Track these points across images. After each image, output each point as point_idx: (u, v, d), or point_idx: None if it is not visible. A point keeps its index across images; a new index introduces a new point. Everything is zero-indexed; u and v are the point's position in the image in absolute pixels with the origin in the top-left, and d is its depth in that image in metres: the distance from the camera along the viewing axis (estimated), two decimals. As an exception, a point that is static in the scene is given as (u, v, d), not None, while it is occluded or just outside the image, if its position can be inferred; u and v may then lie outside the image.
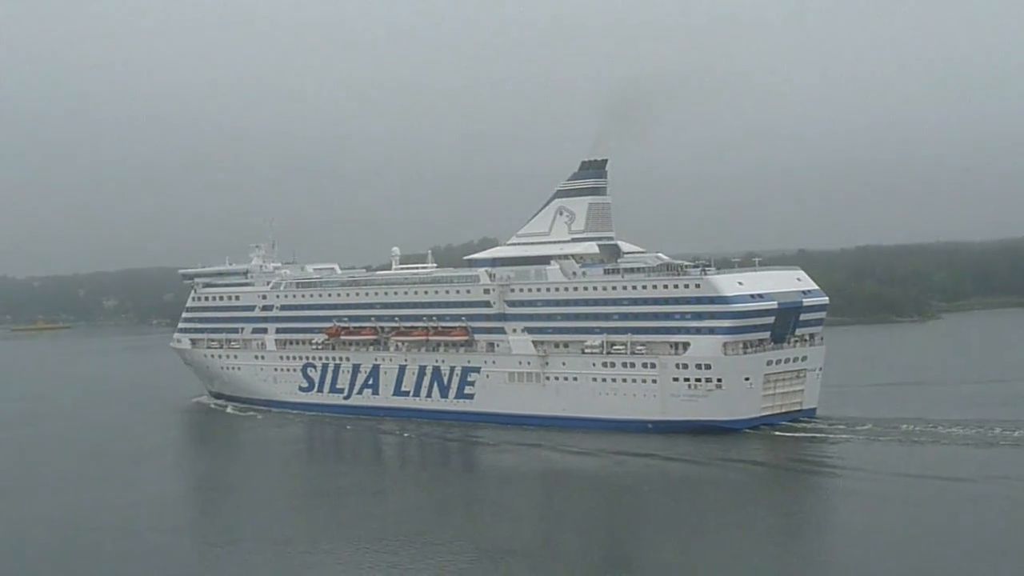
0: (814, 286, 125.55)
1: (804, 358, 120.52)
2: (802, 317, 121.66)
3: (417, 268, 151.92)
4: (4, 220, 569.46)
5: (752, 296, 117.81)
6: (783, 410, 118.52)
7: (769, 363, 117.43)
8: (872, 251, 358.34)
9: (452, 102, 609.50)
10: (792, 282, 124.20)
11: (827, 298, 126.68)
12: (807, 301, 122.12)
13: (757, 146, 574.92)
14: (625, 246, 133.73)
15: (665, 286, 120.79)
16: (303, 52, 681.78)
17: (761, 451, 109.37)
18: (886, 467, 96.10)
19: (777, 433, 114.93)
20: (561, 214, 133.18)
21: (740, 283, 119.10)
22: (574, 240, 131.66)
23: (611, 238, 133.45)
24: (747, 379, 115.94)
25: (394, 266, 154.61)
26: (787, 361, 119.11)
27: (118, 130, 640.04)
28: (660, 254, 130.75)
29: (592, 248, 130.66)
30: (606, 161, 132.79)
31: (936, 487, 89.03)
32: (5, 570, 77.90)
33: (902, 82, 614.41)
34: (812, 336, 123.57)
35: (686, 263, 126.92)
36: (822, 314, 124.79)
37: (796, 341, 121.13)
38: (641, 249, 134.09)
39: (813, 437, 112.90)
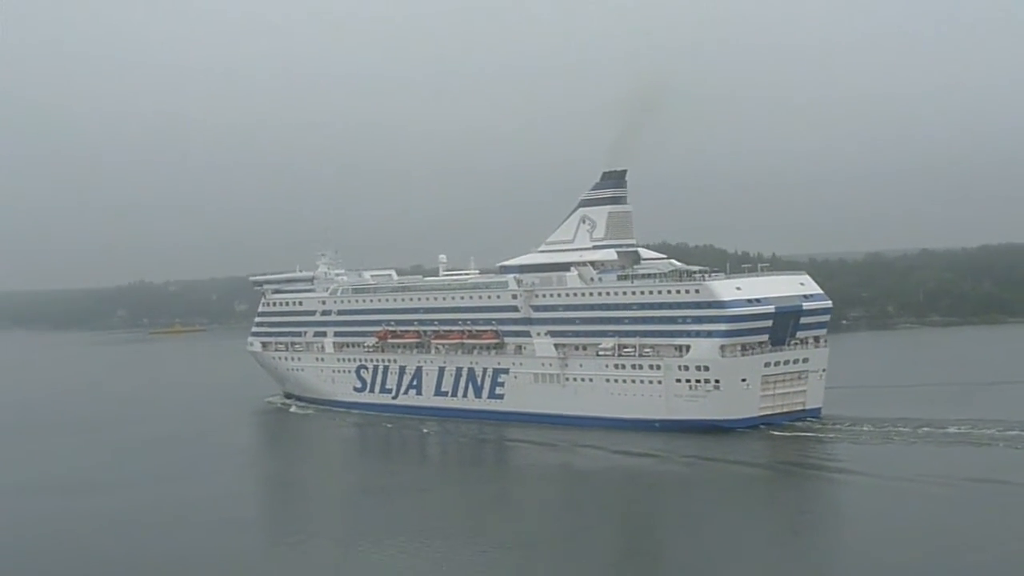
0: (817, 291, 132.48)
1: (805, 360, 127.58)
2: (803, 320, 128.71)
3: (459, 274, 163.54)
4: (142, 230, 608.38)
5: (749, 300, 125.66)
6: (784, 410, 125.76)
7: (767, 365, 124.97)
8: (992, 250, 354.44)
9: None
10: (794, 287, 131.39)
11: (830, 302, 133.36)
12: (807, 305, 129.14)
13: (865, 145, 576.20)
14: (645, 253, 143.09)
15: (669, 291, 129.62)
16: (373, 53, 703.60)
17: (755, 451, 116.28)
18: (877, 467, 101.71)
19: (775, 433, 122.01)
20: (584, 222, 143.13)
21: (738, 288, 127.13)
22: (595, 247, 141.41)
23: (632, 245, 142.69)
24: (744, 380, 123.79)
25: (440, 272, 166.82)
26: (786, 363, 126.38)
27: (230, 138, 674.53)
28: (673, 261, 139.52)
29: (611, 255, 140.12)
30: (625, 171, 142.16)
31: (916, 487, 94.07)
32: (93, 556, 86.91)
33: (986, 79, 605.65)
34: (817, 339, 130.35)
35: (699, 269, 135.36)
36: (825, 318, 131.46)
37: (797, 344, 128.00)
38: (661, 256, 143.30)
39: (809, 437, 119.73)
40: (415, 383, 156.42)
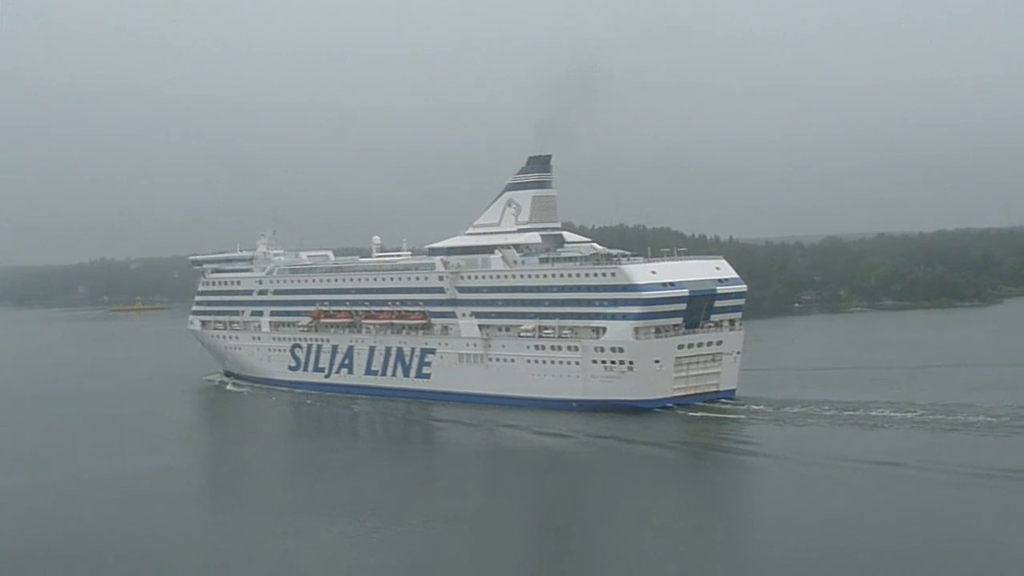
0: (733, 275, 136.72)
1: (719, 342, 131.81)
2: (717, 304, 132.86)
3: (391, 256, 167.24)
4: (106, 206, 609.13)
5: (663, 284, 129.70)
6: (698, 391, 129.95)
7: (681, 347, 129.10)
8: (948, 236, 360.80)
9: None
10: (710, 271, 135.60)
11: (745, 286, 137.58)
12: (721, 289, 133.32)
13: (828, 131, 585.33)
14: (569, 236, 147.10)
15: (587, 275, 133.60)
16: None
17: (666, 431, 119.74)
18: (784, 448, 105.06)
19: (687, 413, 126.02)
20: (509, 206, 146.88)
21: (653, 272, 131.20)
22: (519, 231, 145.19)
23: (556, 228, 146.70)
24: (657, 361, 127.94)
25: (374, 254, 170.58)
26: (700, 345, 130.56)
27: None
28: (595, 244, 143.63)
29: (535, 238, 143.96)
30: (550, 156, 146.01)
31: (819, 469, 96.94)
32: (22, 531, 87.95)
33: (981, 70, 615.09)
34: (732, 322, 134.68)
35: (619, 253, 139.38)
36: (739, 301, 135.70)
37: (711, 327, 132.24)
38: (584, 239, 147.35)
39: (721, 418, 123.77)
40: (347, 362, 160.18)
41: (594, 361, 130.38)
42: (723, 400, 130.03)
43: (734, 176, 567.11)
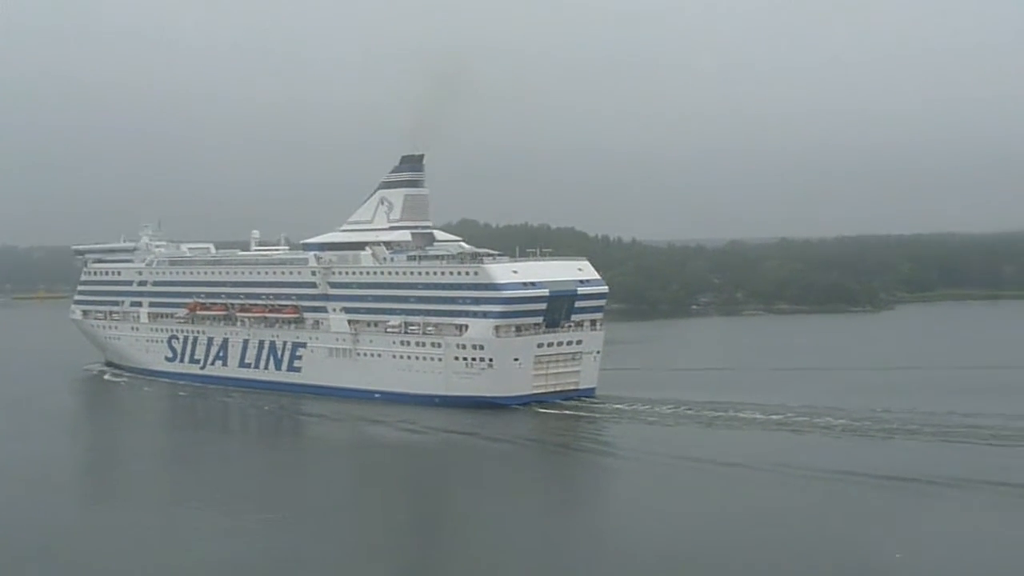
0: (595, 276, 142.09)
1: (579, 342, 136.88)
2: (578, 304, 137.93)
3: (268, 250, 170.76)
4: (6, 193, 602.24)
5: (524, 284, 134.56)
6: (556, 389, 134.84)
7: (540, 345, 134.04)
8: (848, 241, 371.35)
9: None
10: (572, 271, 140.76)
11: (606, 287, 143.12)
12: (582, 290, 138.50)
13: (725, 130, 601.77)
14: (439, 235, 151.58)
15: (450, 273, 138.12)
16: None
17: (521, 427, 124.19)
18: (634, 445, 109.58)
19: (543, 411, 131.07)
20: (383, 203, 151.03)
21: (515, 272, 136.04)
22: (391, 228, 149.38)
23: (427, 227, 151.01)
24: (516, 359, 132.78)
25: (252, 247, 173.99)
26: (560, 344, 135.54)
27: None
28: (462, 243, 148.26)
29: (405, 236, 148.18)
30: (423, 156, 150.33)
31: (658, 466, 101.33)
32: None
33: (883, 69, 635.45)
34: (594, 322, 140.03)
35: (485, 252, 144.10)
36: (601, 302, 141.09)
37: (571, 326, 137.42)
38: (454, 238, 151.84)
39: (578, 416, 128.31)
40: (221, 354, 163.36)
41: (456, 358, 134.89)
42: (582, 398, 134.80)
43: (641, 179, 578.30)
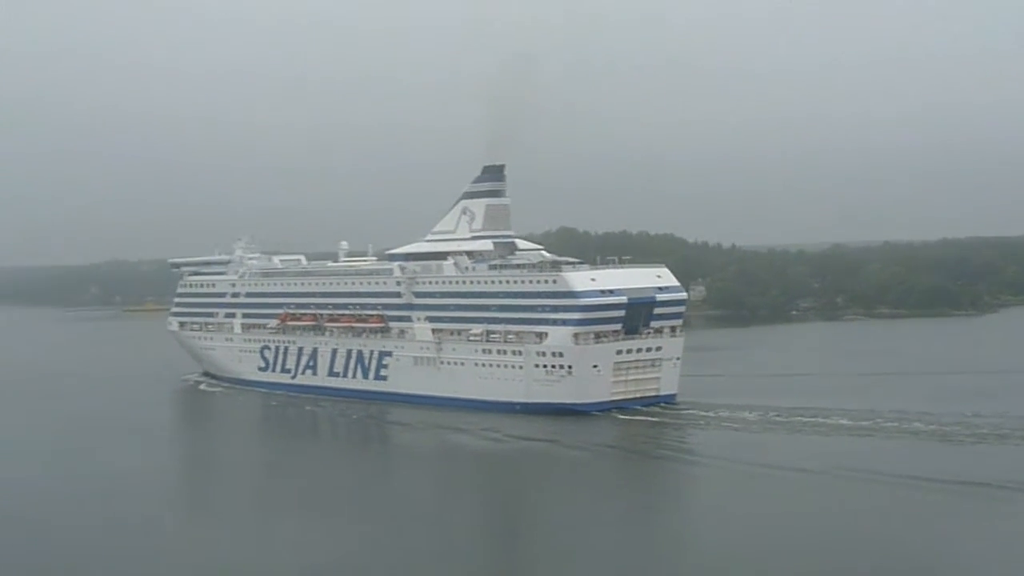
0: (674, 283, 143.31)
1: (658, 348, 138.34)
2: (656, 311, 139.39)
3: (356, 261, 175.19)
4: (116, 209, 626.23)
5: (602, 292, 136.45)
6: (636, 395, 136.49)
7: (619, 352, 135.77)
8: (950, 244, 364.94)
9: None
10: (650, 279, 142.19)
11: (685, 294, 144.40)
12: (660, 296, 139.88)
13: (818, 133, 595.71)
14: (521, 244, 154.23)
15: (530, 282, 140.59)
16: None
17: (602, 434, 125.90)
18: (714, 452, 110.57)
19: (620, 416, 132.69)
20: (465, 214, 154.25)
21: (593, 280, 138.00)
22: (473, 238, 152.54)
23: (509, 236, 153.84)
24: (595, 366, 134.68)
25: (340, 258, 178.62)
26: (639, 351, 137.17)
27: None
28: (543, 252, 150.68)
29: (487, 245, 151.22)
30: (503, 166, 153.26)
31: (745, 472, 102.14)
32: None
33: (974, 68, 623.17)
34: (674, 328, 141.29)
35: (569, 260, 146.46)
36: (680, 308, 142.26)
37: (650, 333, 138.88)
38: (535, 247, 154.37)
39: (657, 422, 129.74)
40: (311, 364, 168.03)
41: (536, 365, 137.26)
42: (662, 404, 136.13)
43: (741, 185, 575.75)
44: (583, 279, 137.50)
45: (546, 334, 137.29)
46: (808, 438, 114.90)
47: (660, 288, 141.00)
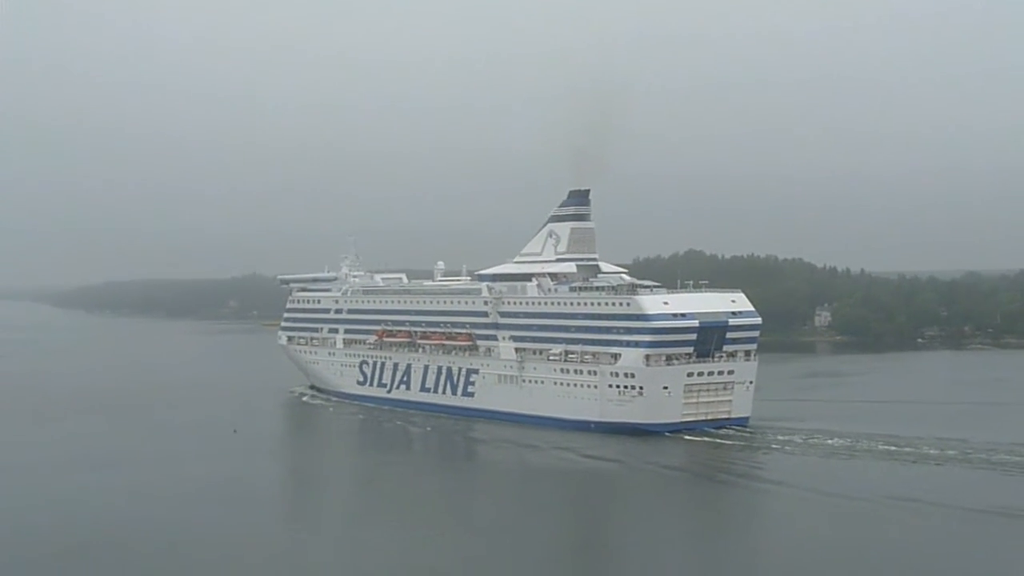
0: (748, 308, 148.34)
1: (731, 372, 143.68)
2: (729, 335, 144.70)
3: (450, 280, 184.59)
4: (251, 228, 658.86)
5: (674, 315, 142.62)
6: (708, 417, 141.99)
7: (690, 375, 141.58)
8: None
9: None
10: (724, 303, 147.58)
11: (759, 319, 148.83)
12: (734, 321, 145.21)
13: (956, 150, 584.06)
14: (605, 266, 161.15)
15: (606, 304, 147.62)
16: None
17: (669, 455, 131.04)
18: (782, 476, 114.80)
19: (688, 438, 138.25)
20: (551, 236, 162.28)
21: (665, 303, 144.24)
22: (557, 260, 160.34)
23: (593, 259, 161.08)
24: (665, 388, 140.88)
25: (436, 277, 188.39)
26: (711, 374, 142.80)
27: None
28: (624, 275, 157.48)
29: (571, 268, 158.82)
30: (588, 191, 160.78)
31: (807, 498, 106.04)
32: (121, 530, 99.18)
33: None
34: (748, 353, 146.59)
35: (648, 284, 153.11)
36: (754, 333, 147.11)
37: (723, 356, 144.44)
38: (619, 269, 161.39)
39: (727, 444, 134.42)
40: (405, 379, 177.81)
41: (610, 385, 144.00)
42: (734, 427, 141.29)
43: (873, 206, 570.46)
44: (656, 302, 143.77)
45: (619, 355, 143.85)
46: (877, 465, 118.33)
47: (733, 313, 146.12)
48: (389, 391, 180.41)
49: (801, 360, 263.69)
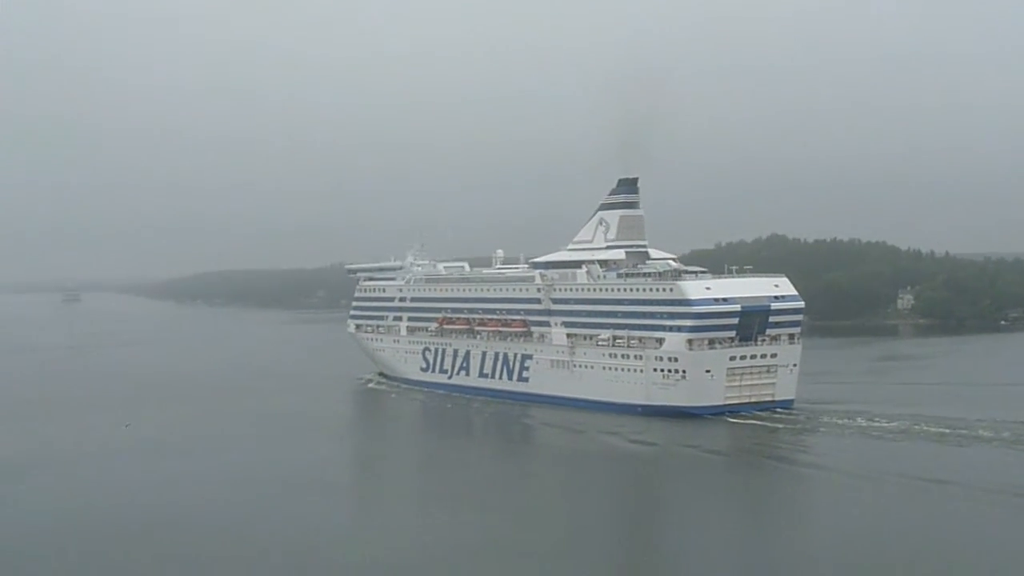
0: (792, 292, 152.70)
1: (773, 355, 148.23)
2: (772, 319, 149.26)
3: (508, 268, 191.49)
4: (342, 218, 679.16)
5: (716, 300, 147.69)
6: (751, 400, 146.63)
7: (732, 358, 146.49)
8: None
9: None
10: (768, 288, 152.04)
11: (802, 303, 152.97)
12: (776, 305, 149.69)
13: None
14: (654, 253, 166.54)
15: (651, 290, 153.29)
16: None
17: (711, 437, 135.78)
18: (820, 457, 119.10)
19: (731, 420, 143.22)
20: (601, 224, 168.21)
21: (708, 288, 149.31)
22: (607, 247, 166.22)
23: (642, 246, 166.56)
24: (708, 371, 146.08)
25: (495, 265, 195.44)
26: (753, 357, 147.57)
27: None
28: (671, 261, 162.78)
29: (620, 255, 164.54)
30: (637, 179, 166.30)
31: (843, 478, 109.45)
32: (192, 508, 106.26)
33: None
34: (791, 336, 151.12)
35: (693, 269, 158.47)
36: (797, 317, 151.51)
37: (766, 340, 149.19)
38: (668, 256, 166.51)
39: (768, 427, 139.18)
40: (464, 365, 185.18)
41: (655, 369, 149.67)
42: (777, 410, 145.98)
43: (958, 189, 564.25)
44: (698, 287, 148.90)
45: (663, 340, 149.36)
46: (921, 446, 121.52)
47: (776, 297, 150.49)
48: (450, 377, 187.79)
49: (881, 343, 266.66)
